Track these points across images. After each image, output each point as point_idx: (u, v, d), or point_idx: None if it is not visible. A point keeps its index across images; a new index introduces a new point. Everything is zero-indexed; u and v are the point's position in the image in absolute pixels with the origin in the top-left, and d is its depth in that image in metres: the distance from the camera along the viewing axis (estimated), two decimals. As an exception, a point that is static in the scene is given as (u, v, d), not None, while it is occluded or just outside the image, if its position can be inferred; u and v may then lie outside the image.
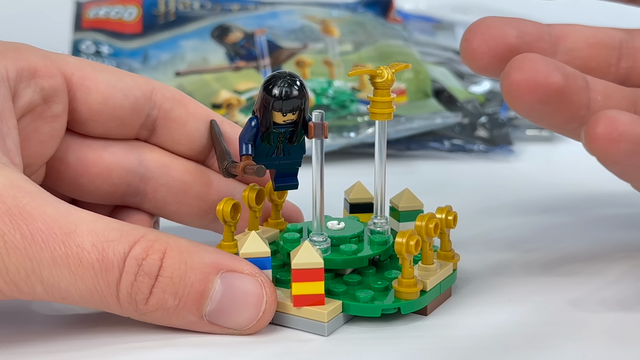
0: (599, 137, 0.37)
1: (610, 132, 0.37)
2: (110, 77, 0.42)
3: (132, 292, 0.36)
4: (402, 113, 0.61)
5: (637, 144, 0.37)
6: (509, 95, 0.39)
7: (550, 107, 0.39)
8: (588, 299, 0.42)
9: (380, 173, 0.41)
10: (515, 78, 0.39)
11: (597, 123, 0.37)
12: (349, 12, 0.73)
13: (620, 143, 0.37)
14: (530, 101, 0.39)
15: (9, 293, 0.36)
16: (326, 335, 0.38)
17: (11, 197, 0.36)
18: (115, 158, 0.43)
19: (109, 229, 0.36)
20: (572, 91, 0.40)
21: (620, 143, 0.37)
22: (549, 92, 0.39)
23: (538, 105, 0.39)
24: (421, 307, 0.39)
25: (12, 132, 0.39)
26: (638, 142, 0.37)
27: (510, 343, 0.38)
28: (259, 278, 0.38)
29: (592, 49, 0.44)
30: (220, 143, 0.42)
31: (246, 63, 0.67)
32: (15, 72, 0.39)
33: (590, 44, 0.44)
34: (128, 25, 0.70)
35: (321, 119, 0.39)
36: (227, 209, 0.40)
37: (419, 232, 0.39)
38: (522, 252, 0.47)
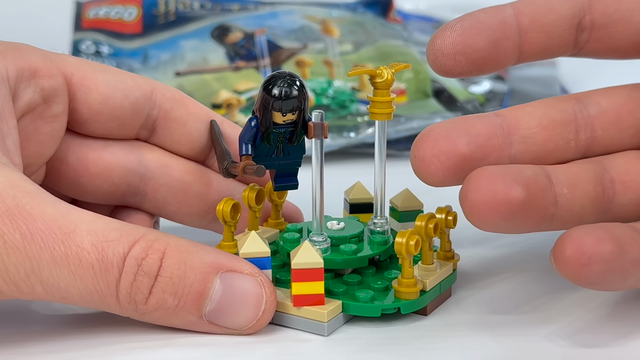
0: (568, 263, 0.36)
1: (579, 257, 0.36)
2: (111, 77, 0.42)
3: (132, 292, 0.36)
4: (402, 113, 0.61)
5: (608, 263, 0.36)
6: (472, 218, 0.38)
7: (515, 220, 0.38)
8: (589, 299, 0.42)
9: (380, 173, 0.41)
10: (474, 200, 0.38)
11: (564, 247, 0.36)
12: (349, 12, 0.73)
13: (591, 266, 0.36)
14: (494, 220, 0.38)
15: (9, 293, 0.36)
16: (326, 335, 0.38)
17: (11, 197, 0.36)
18: (115, 158, 0.43)
19: (108, 228, 0.36)
20: (536, 198, 0.39)
21: (592, 266, 0.36)
22: (512, 208, 0.38)
23: (503, 222, 0.38)
24: (421, 307, 0.39)
25: (12, 132, 0.39)
26: (609, 261, 0.36)
27: (511, 343, 0.38)
28: (258, 278, 0.38)
29: (547, 130, 0.42)
30: (220, 143, 0.42)
31: (246, 63, 0.67)
32: (15, 72, 0.39)
33: (544, 126, 0.42)
34: (128, 25, 0.70)
35: (321, 119, 0.39)
36: (227, 209, 0.40)
37: (419, 232, 0.39)
38: (522, 252, 0.47)
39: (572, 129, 0.43)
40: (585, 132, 0.43)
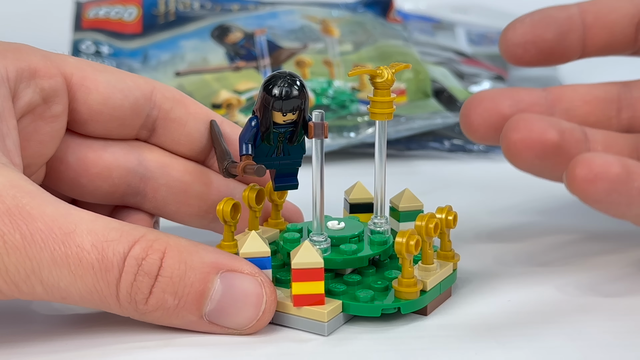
0: (577, 179, 0.39)
1: (586, 174, 0.38)
2: (110, 77, 0.42)
3: (132, 291, 0.36)
4: (402, 113, 0.61)
5: (613, 183, 0.38)
6: (509, 154, 0.41)
7: (548, 161, 0.41)
8: (589, 299, 0.42)
9: (380, 173, 0.41)
10: (512, 138, 0.41)
11: (574, 166, 0.39)
12: (349, 12, 0.73)
13: (597, 184, 0.38)
14: (528, 158, 0.41)
15: (9, 293, 0.36)
16: (326, 335, 0.38)
17: (11, 197, 0.36)
18: (115, 158, 0.43)
19: (108, 228, 0.36)
20: (570, 145, 0.41)
21: (597, 184, 0.38)
22: (546, 148, 0.41)
23: (537, 161, 0.41)
24: (421, 307, 0.39)
25: (12, 133, 0.39)
26: (614, 181, 0.38)
27: (511, 343, 0.38)
28: (258, 278, 0.38)
29: (589, 105, 0.46)
30: (220, 143, 0.42)
31: (246, 63, 0.67)
32: (15, 72, 0.39)
33: (587, 101, 0.46)
34: (128, 25, 0.70)
35: (321, 119, 0.39)
36: (227, 209, 0.40)
37: (419, 232, 0.39)
38: (522, 252, 0.47)
39: (614, 107, 0.46)
40: (627, 111, 0.46)
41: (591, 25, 0.46)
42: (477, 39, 0.77)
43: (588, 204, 0.40)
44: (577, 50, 0.47)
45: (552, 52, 0.46)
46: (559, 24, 0.46)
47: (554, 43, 0.46)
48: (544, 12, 0.46)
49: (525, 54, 0.46)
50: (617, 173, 0.39)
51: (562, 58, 0.47)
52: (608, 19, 0.46)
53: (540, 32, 0.45)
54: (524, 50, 0.45)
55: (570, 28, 0.46)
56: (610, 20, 0.46)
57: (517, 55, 0.46)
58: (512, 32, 0.46)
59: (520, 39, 0.45)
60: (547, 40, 0.45)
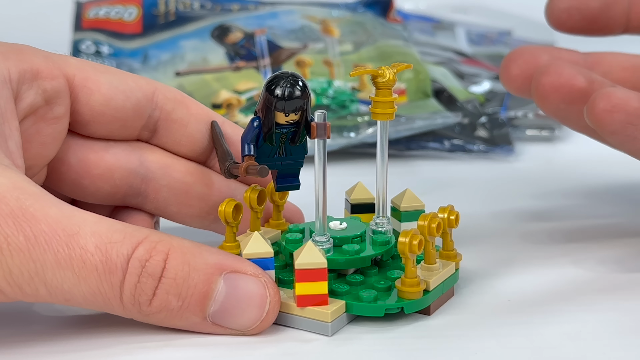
0: (596, 109, 0.41)
1: (605, 105, 0.41)
2: (112, 78, 0.42)
3: (136, 293, 0.36)
4: (403, 113, 0.61)
5: (629, 116, 0.40)
6: (537, 96, 0.44)
7: (575, 107, 0.43)
8: (589, 300, 0.42)
9: (382, 173, 0.41)
10: (542, 81, 0.43)
11: (595, 97, 0.41)
12: (349, 12, 0.73)
13: (614, 114, 0.41)
14: (555, 101, 0.43)
15: (13, 295, 0.36)
16: (330, 335, 0.38)
17: (14, 199, 0.36)
18: (116, 159, 0.43)
19: (112, 230, 0.36)
20: None
21: (615, 114, 0.41)
22: (573, 92, 0.43)
23: (563, 105, 0.43)
24: (424, 307, 0.39)
25: (14, 134, 0.38)
26: (631, 113, 0.40)
27: (512, 343, 0.38)
28: (262, 279, 0.38)
29: (627, 72, 0.48)
30: (221, 144, 0.42)
31: (246, 63, 0.67)
32: (17, 73, 0.39)
33: (625, 68, 0.48)
34: (128, 25, 0.70)
35: (324, 119, 0.39)
36: (229, 210, 0.40)
37: (422, 231, 0.39)
38: (523, 252, 0.47)
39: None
40: None
41: (637, 1, 0.47)
42: (477, 39, 0.77)
43: (604, 134, 0.41)
44: (621, 24, 0.48)
45: (595, 21, 0.47)
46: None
47: (598, 12, 0.47)
48: None
49: (570, 19, 0.47)
50: (636, 107, 0.41)
51: (605, 29, 0.48)
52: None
53: None
54: (569, 16, 0.47)
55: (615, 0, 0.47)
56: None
57: (562, 19, 0.47)
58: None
59: (566, 4, 0.47)
60: (592, 8, 0.47)
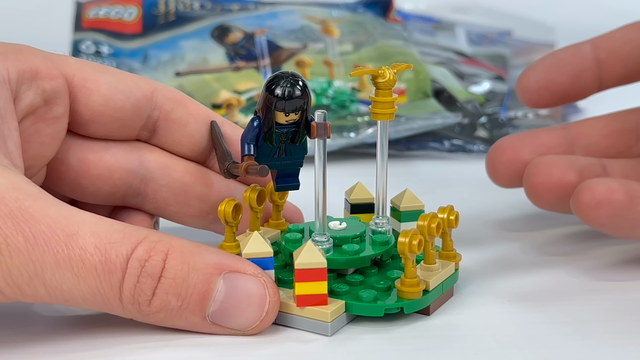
0: (582, 205, 0.41)
1: (590, 201, 0.41)
2: (112, 78, 0.42)
3: (135, 293, 0.36)
4: (402, 113, 0.61)
5: (615, 209, 0.41)
6: (531, 197, 0.45)
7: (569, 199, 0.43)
8: (589, 300, 0.42)
9: (381, 173, 0.41)
10: (533, 182, 0.44)
11: (579, 193, 0.42)
12: (349, 12, 0.73)
13: (599, 210, 0.41)
14: (550, 200, 0.45)
15: (12, 295, 0.36)
16: (329, 335, 0.38)
17: (13, 200, 0.36)
18: (116, 159, 0.43)
19: (111, 230, 0.36)
20: None
21: (600, 210, 0.41)
22: (566, 189, 0.44)
23: (559, 202, 0.44)
24: (424, 307, 0.39)
25: (13, 134, 0.38)
26: (616, 207, 0.41)
27: (511, 343, 0.38)
28: (261, 278, 0.38)
29: (608, 139, 0.48)
30: (221, 144, 0.42)
31: (246, 63, 0.67)
32: (16, 73, 0.39)
33: (606, 135, 0.48)
34: (128, 25, 0.70)
35: (324, 119, 0.39)
36: (229, 210, 0.40)
37: (422, 231, 0.39)
38: (523, 251, 0.47)
39: (633, 136, 0.48)
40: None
41: (605, 60, 0.47)
42: (477, 39, 0.77)
43: (593, 227, 0.42)
44: (593, 87, 0.48)
45: (567, 94, 0.47)
46: (571, 65, 0.47)
47: (568, 85, 0.47)
48: (555, 56, 0.47)
49: (541, 99, 0.47)
50: (620, 199, 0.41)
51: (579, 96, 0.48)
52: (622, 51, 0.47)
53: (552, 77, 0.47)
54: (539, 96, 0.47)
55: (583, 68, 0.47)
56: (624, 53, 0.47)
57: (533, 100, 0.47)
58: (526, 79, 0.47)
59: (534, 85, 0.47)
60: (560, 84, 0.47)
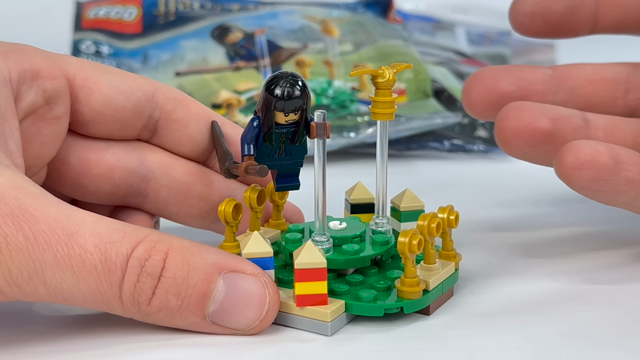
0: (564, 165, 0.40)
1: (573, 162, 0.40)
2: (113, 78, 0.42)
3: (135, 293, 0.36)
4: (402, 113, 0.61)
5: (598, 172, 0.40)
6: (500, 142, 0.44)
7: (541, 149, 0.43)
8: (589, 300, 0.42)
9: (381, 173, 0.41)
10: (503, 127, 0.43)
11: (563, 153, 0.40)
12: (349, 12, 0.73)
13: (582, 171, 0.40)
14: (519, 146, 0.43)
15: (12, 294, 0.36)
16: (329, 335, 0.38)
17: (14, 199, 0.36)
18: (116, 159, 0.43)
19: (111, 230, 0.36)
20: (564, 132, 0.43)
21: (583, 171, 0.40)
22: (537, 136, 0.43)
23: (528, 149, 0.43)
24: (424, 307, 0.39)
25: (14, 134, 0.39)
26: (599, 170, 0.40)
27: (512, 343, 0.38)
28: (261, 278, 0.38)
29: (594, 85, 0.46)
30: (221, 144, 0.42)
31: (246, 63, 0.67)
32: (17, 73, 0.39)
33: (592, 81, 0.46)
34: (128, 25, 0.70)
35: (323, 119, 0.39)
36: (229, 210, 0.40)
37: (422, 231, 0.39)
38: (523, 251, 0.47)
39: (621, 88, 0.46)
40: (635, 93, 0.46)
41: (604, 2, 0.46)
42: (477, 39, 0.77)
43: (575, 190, 0.41)
44: (587, 26, 0.46)
45: (560, 25, 0.46)
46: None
47: (562, 16, 0.46)
48: None
49: (533, 25, 0.46)
50: (605, 162, 0.40)
51: (571, 32, 0.47)
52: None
53: (549, 4, 0.46)
54: (531, 21, 0.46)
55: (581, 2, 0.46)
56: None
57: (525, 25, 0.46)
58: (522, 1, 0.46)
59: (529, 9, 0.46)
60: (555, 13, 0.46)
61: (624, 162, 0.40)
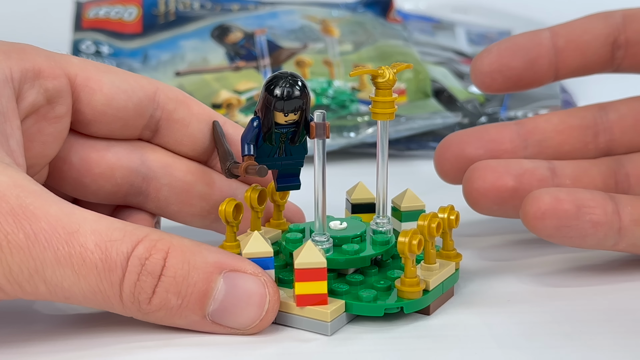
0: (528, 216, 0.41)
1: (535, 212, 0.41)
2: (114, 78, 0.42)
3: (135, 291, 0.36)
4: (402, 113, 0.61)
5: (561, 219, 0.41)
6: (469, 203, 0.45)
7: (509, 204, 0.44)
8: (588, 299, 0.42)
9: (382, 173, 0.41)
10: (469, 188, 0.44)
11: (525, 204, 0.41)
12: (349, 12, 0.73)
13: (545, 220, 0.41)
14: (487, 205, 0.44)
15: (12, 293, 0.36)
16: (329, 335, 0.38)
17: (15, 197, 0.36)
18: (118, 158, 0.43)
19: (112, 228, 0.36)
20: (531, 185, 0.44)
21: (546, 220, 0.41)
22: (501, 194, 0.44)
23: (496, 207, 0.44)
24: (424, 307, 0.39)
25: (15, 133, 0.39)
26: (563, 217, 0.41)
27: (511, 343, 0.38)
28: (261, 278, 0.38)
29: (562, 134, 0.46)
30: (222, 144, 0.42)
31: (246, 63, 0.67)
32: (19, 72, 0.39)
33: (560, 131, 0.46)
34: (128, 25, 0.70)
35: (323, 119, 0.39)
36: (230, 210, 0.40)
37: (422, 231, 0.39)
38: (523, 251, 0.47)
39: (590, 133, 0.46)
40: (604, 135, 0.46)
41: (563, 49, 0.46)
42: (477, 39, 0.77)
43: (543, 237, 0.42)
44: (549, 75, 0.47)
45: (520, 79, 0.46)
46: (527, 50, 0.46)
47: (521, 70, 0.46)
48: (511, 41, 0.46)
49: (493, 83, 0.46)
50: (566, 209, 0.41)
51: (534, 83, 0.47)
52: (581, 40, 0.46)
53: (506, 61, 0.46)
54: (492, 80, 0.46)
55: (539, 54, 0.46)
56: (583, 42, 0.46)
57: (486, 83, 0.46)
58: (480, 61, 0.46)
59: (487, 68, 0.46)
60: (514, 68, 0.46)
61: (586, 205, 0.41)
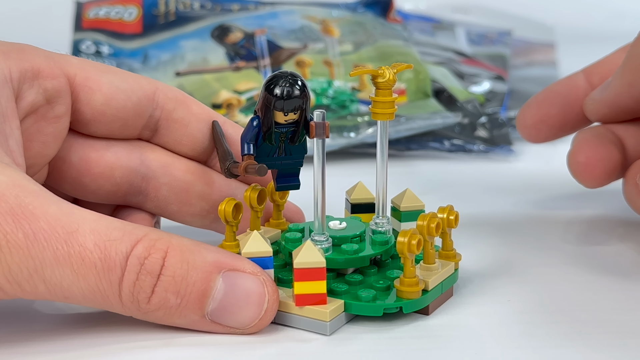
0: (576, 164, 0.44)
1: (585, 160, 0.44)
2: (114, 78, 0.42)
3: (135, 291, 0.36)
4: (402, 113, 0.61)
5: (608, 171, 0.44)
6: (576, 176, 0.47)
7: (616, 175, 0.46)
8: (588, 299, 0.42)
9: (382, 173, 0.41)
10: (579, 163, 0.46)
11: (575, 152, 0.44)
12: (349, 12, 0.73)
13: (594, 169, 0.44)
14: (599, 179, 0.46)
15: (12, 292, 0.36)
16: (328, 335, 0.38)
17: (14, 197, 0.36)
18: (117, 158, 0.43)
19: (111, 228, 0.36)
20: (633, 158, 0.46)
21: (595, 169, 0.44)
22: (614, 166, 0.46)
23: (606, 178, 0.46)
24: (423, 307, 0.39)
25: (15, 133, 0.39)
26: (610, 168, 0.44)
27: (511, 343, 0.38)
28: (260, 277, 0.38)
29: None
30: (222, 144, 0.42)
31: (246, 63, 0.67)
32: (18, 72, 0.39)
33: None
34: (128, 25, 0.71)
35: (322, 119, 0.39)
36: (229, 209, 0.40)
37: (421, 231, 0.39)
38: (522, 251, 0.47)
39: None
40: None
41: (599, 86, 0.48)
42: (477, 39, 0.77)
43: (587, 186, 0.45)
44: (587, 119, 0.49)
45: (563, 124, 0.49)
46: (564, 96, 0.48)
47: (562, 116, 0.48)
48: (547, 90, 0.49)
49: (540, 133, 0.49)
50: None
51: (578, 125, 0.49)
52: None
53: (546, 111, 0.48)
54: (537, 131, 0.49)
55: (577, 97, 0.48)
56: None
57: (533, 135, 0.49)
58: (522, 116, 0.49)
59: (530, 121, 0.49)
60: (554, 116, 0.48)
61: None
